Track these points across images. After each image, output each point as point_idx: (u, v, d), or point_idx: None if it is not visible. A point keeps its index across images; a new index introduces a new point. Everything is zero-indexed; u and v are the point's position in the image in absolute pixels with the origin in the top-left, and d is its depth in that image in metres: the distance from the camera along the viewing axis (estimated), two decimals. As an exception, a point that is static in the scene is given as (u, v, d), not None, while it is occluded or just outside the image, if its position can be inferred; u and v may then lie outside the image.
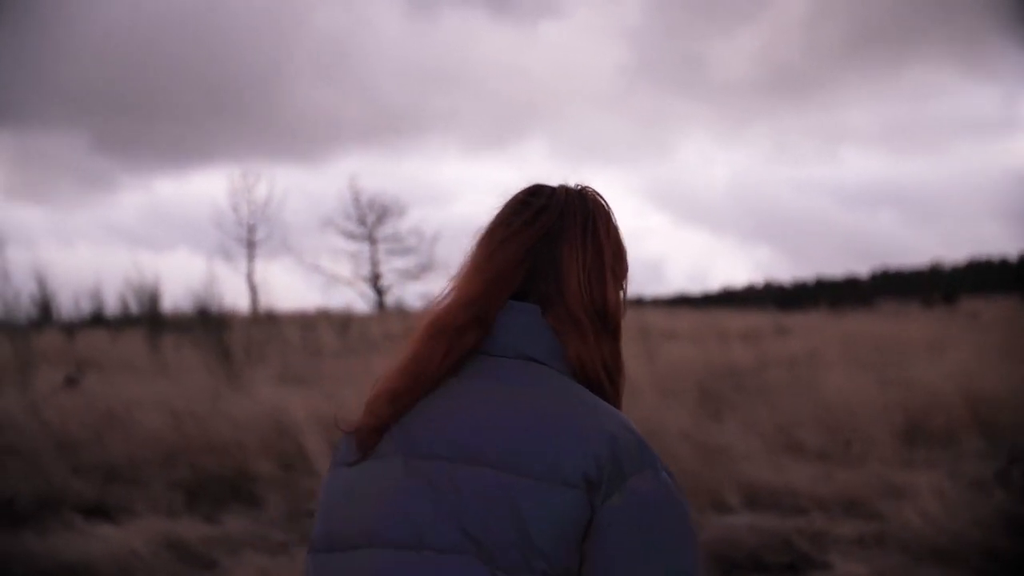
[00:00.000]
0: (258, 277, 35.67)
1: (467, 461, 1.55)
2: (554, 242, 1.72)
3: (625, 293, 1.79)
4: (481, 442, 1.56)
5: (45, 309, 21.84)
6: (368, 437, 1.66)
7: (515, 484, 1.51)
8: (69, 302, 24.51)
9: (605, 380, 1.71)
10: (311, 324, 21.73)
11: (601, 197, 1.82)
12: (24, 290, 22.26)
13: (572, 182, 1.82)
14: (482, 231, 1.77)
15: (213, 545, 7.24)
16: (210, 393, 11.44)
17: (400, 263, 41.21)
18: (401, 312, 32.43)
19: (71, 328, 20.13)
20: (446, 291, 1.74)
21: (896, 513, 7.24)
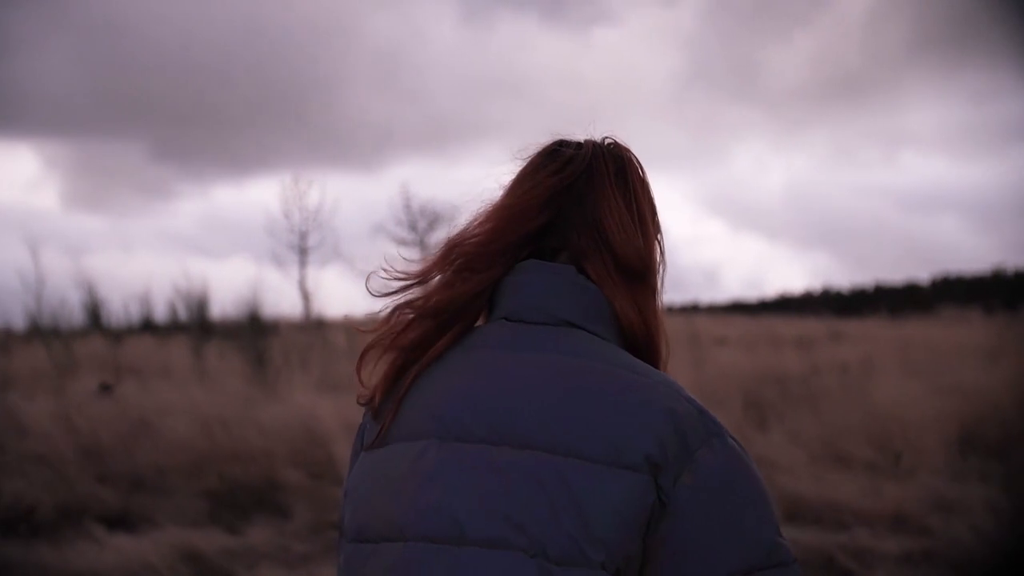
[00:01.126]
0: (310, 284, 35.62)
1: (511, 443, 1.42)
2: (585, 193, 1.60)
3: (663, 249, 1.68)
4: (527, 422, 1.43)
5: (94, 315, 21.90)
6: (388, 395, 1.57)
7: (569, 467, 1.38)
8: (120, 309, 24.63)
9: (651, 340, 1.60)
10: (359, 331, 21.59)
11: (630, 151, 1.71)
12: (76, 297, 22.40)
13: (598, 135, 1.71)
14: (508, 181, 1.66)
15: (232, 557, 7.03)
16: (245, 400, 11.26)
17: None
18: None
19: (119, 335, 20.12)
20: (464, 227, 1.62)
21: (946, 529, 6.89)
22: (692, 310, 39.89)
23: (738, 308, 41.00)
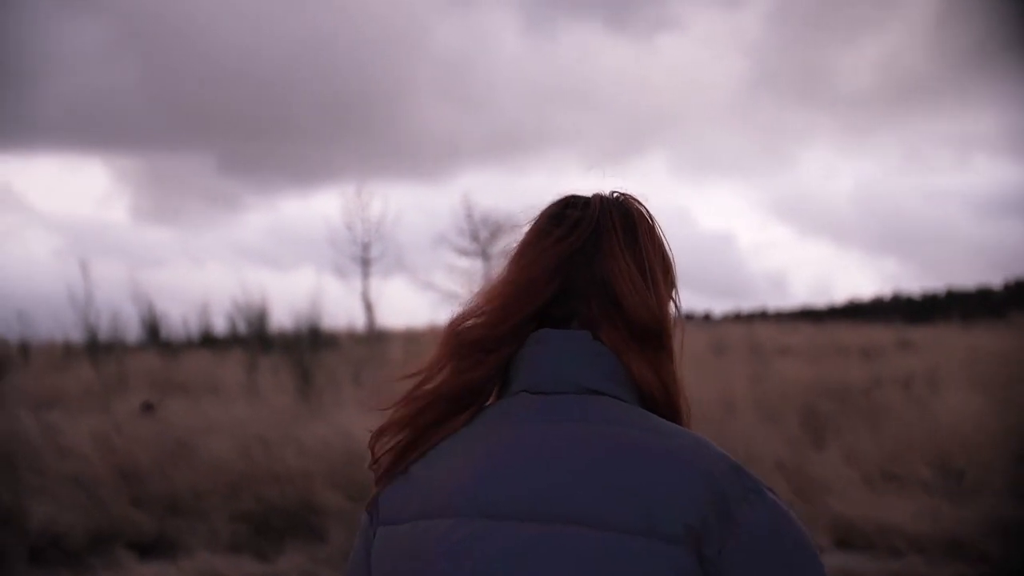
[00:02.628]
0: (373, 295, 35.58)
1: (541, 519, 1.37)
2: (594, 257, 1.55)
3: (678, 307, 1.63)
4: (556, 495, 1.38)
5: (152, 330, 21.93)
6: (404, 471, 1.53)
7: (604, 540, 1.33)
8: (179, 323, 24.69)
9: (671, 401, 1.54)
10: (417, 342, 21.43)
11: (641, 204, 1.66)
12: (135, 311, 22.46)
13: (608, 190, 1.66)
14: (513, 249, 1.61)
15: (259, 586, 6.84)
16: (289, 417, 11.08)
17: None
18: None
19: (175, 349, 20.12)
20: (470, 306, 1.58)
21: (1005, 556, 6.51)
22: (760, 317, 39.39)
23: (806, 315, 40.35)
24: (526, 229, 1.63)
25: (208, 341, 22.29)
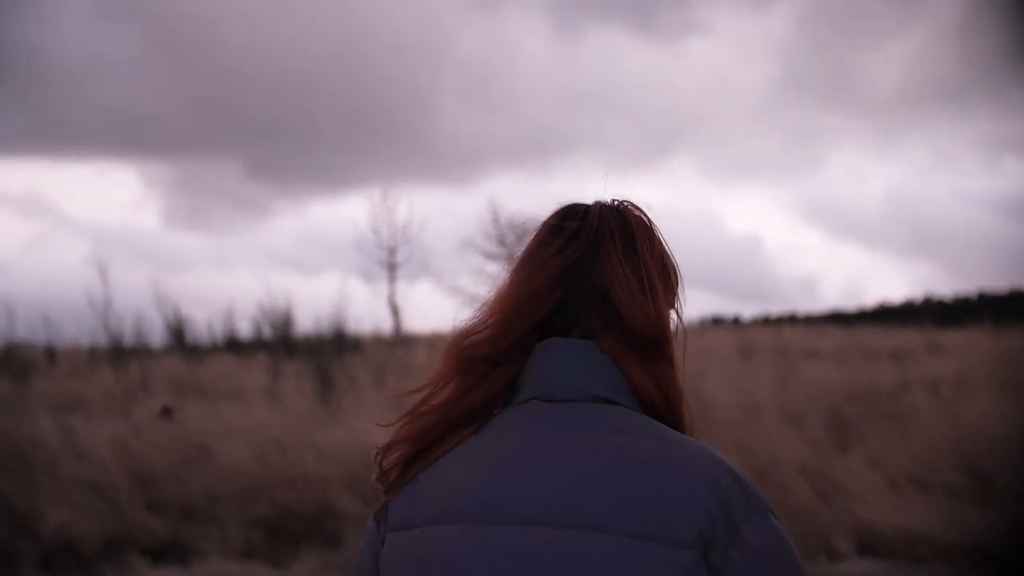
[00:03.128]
0: (399, 299, 35.63)
1: (552, 524, 1.39)
2: (592, 267, 1.57)
3: (680, 313, 1.65)
4: (568, 500, 1.40)
5: (178, 334, 21.94)
6: (412, 478, 1.54)
7: (616, 545, 1.35)
8: (204, 327, 24.68)
9: (672, 409, 1.56)
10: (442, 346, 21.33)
11: (641, 211, 1.67)
12: (160, 316, 22.48)
13: (609, 197, 1.68)
14: (513, 262, 1.63)
15: (272, 592, 6.75)
16: (309, 422, 11.01)
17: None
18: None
19: (200, 354, 20.10)
20: (471, 321, 1.59)
21: (1033, 563, 6.35)
22: (789, 321, 39.13)
23: (836, 318, 40.06)
24: (528, 240, 1.64)
25: (233, 345, 22.29)
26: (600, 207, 1.65)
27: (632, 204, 1.68)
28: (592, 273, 1.56)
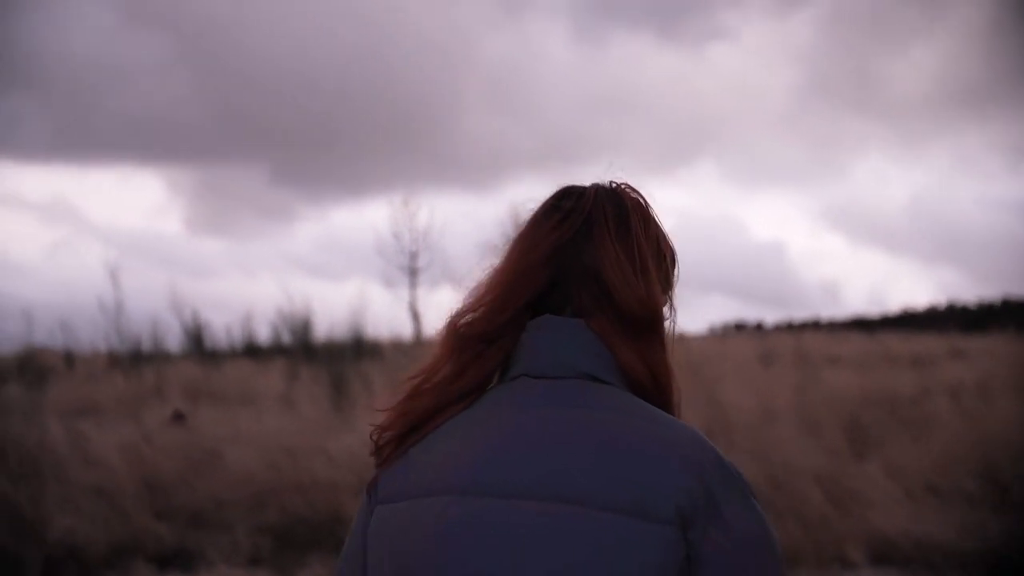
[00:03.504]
0: (420, 305, 35.57)
1: (538, 497, 1.40)
2: (584, 247, 1.59)
3: (671, 297, 1.68)
4: (554, 475, 1.41)
5: (197, 340, 21.94)
6: (403, 450, 1.56)
7: (599, 520, 1.37)
8: (223, 333, 24.67)
9: (661, 390, 1.57)
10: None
11: (638, 193, 1.69)
12: (179, 321, 22.48)
13: (607, 180, 1.70)
14: (509, 242, 1.66)
15: (276, 600, 6.67)
16: (322, 428, 10.93)
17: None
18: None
19: (217, 359, 20.08)
20: (467, 300, 1.62)
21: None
22: (812, 327, 38.89)
23: (859, 324, 39.80)
24: (525, 220, 1.66)
25: (251, 351, 22.27)
26: (596, 189, 1.67)
27: (629, 186, 1.70)
28: (584, 253, 1.58)
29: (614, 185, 1.69)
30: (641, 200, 1.69)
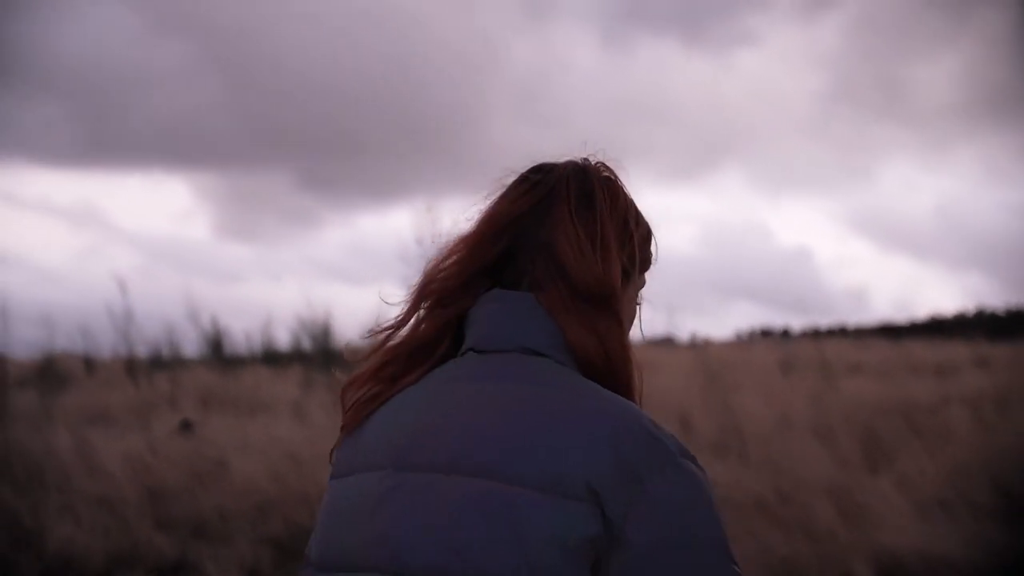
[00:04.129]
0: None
1: (461, 472, 1.43)
2: (544, 219, 1.61)
3: (639, 279, 1.69)
4: (474, 449, 1.44)
5: (215, 346, 21.90)
6: (353, 420, 1.63)
7: (513, 496, 1.38)
8: (242, 339, 24.64)
9: (613, 368, 1.56)
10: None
11: (610, 171, 1.71)
12: (197, 326, 22.46)
13: (582, 156, 1.72)
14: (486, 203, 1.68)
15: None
16: (331, 436, 10.82)
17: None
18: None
19: (234, 365, 20.02)
20: (434, 260, 1.66)
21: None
22: (839, 333, 38.60)
23: (886, 331, 39.51)
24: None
25: (270, 357, 22.21)
26: (567, 164, 1.69)
27: (602, 164, 1.71)
28: (543, 226, 1.59)
29: (585, 162, 1.70)
30: (611, 178, 1.69)
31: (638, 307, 1.73)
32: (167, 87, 32.01)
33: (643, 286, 1.74)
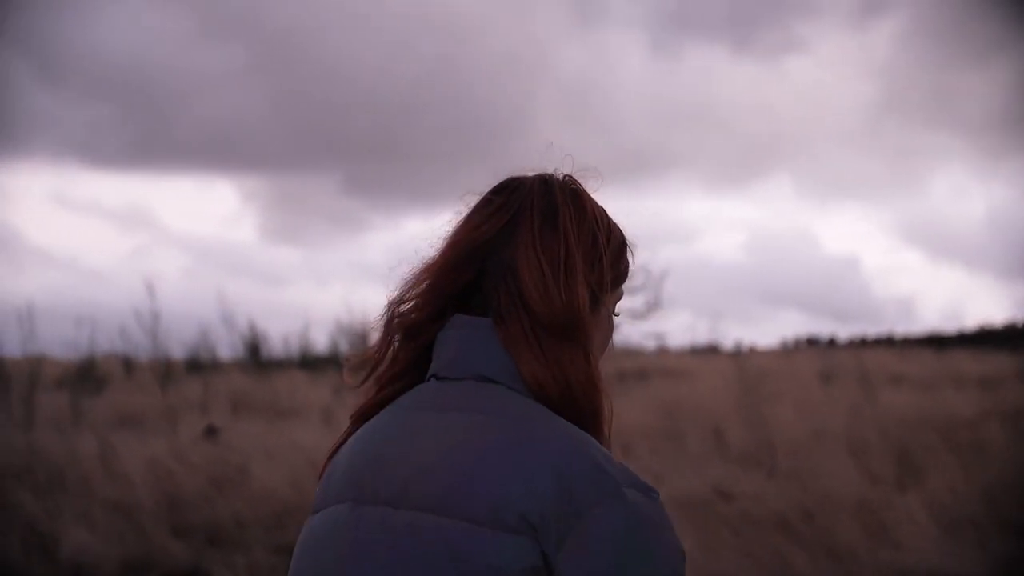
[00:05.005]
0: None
1: (409, 506, 1.41)
2: (508, 243, 1.55)
3: (611, 297, 1.62)
4: (421, 481, 1.42)
5: (253, 350, 21.93)
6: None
7: (455, 530, 1.36)
8: (280, 343, 24.66)
9: (572, 399, 1.50)
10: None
11: (578, 186, 1.63)
12: (235, 331, 22.51)
13: (554, 169, 1.65)
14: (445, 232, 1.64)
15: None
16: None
17: (627, 302, 40.52)
18: (629, 351, 31.43)
19: (269, 369, 20.03)
20: (400, 289, 1.62)
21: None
22: (886, 343, 38.20)
23: (934, 341, 39.02)
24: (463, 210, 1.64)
25: (308, 362, 22.22)
26: (533, 182, 1.61)
27: (570, 177, 1.64)
28: (507, 250, 1.53)
29: (551, 177, 1.63)
30: (579, 195, 1.62)
31: (615, 322, 1.67)
32: (216, 91, 32.28)
33: (619, 299, 1.68)
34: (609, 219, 1.65)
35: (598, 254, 1.58)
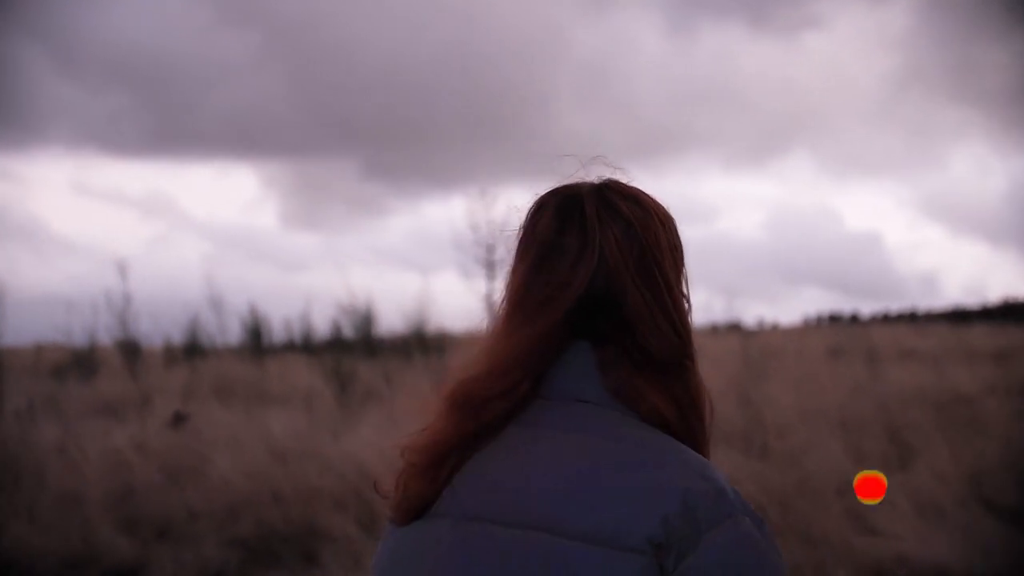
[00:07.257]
0: (497, 298, 35.41)
1: (519, 524, 1.39)
2: (603, 285, 1.49)
3: (689, 298, 1.57)
4: (536, 502, 1.39)
5: (255, 335, 21.62)
6: (399, 514, 1.54)
7: (572, 550, 1.35)
8: (281, 328, 24.36)
9: (685, 420, 1.50)
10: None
11: (639, 193, 1.57)
12: (239, 316, 22.20)
13: (592, 177, 1.58)
14: (514, 283, 1.55)
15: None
16: (327, 431, 10.34)
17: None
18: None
19: (264, 353, 19.72)
20: (476, 355, 1.54)
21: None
22: (909, 318, 37.79)
23: (957, 316, 38.49)
24: (516, 254, 1.56)
25: (308, 346, 21.90)
26: (594, 207, 1.52)
27: (624, 187, 1.57)
28: (606, 302, 1.49)
29: (606, 192, 1.54)
30: (645, 203, 1.55)
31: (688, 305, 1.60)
32: (235, 77, 32.19)
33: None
34: (664, 209, 1.59)
35: (680, 261, 1.57)
